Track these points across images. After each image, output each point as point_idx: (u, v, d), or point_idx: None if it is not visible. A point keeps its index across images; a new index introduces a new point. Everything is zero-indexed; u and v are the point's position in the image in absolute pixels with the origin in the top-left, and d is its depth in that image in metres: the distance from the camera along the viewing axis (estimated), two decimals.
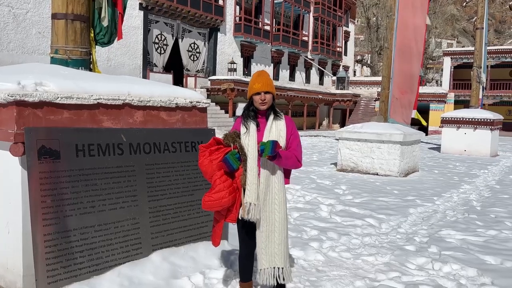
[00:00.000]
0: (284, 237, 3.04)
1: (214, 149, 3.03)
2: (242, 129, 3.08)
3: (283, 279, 3.01)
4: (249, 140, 3.02)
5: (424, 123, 16.02)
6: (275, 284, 3.04)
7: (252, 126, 3.05)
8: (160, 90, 4.09)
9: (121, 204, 3.57)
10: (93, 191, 3.39)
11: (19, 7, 17.83)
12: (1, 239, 3.29)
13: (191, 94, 4.37)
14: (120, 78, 4.13)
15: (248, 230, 3.13)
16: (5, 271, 3.26)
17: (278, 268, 2.99)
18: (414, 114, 12.62)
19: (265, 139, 2.98)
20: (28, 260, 3.10)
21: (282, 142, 3.03)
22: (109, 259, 3.44)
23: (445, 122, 16.95)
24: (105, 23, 4.42)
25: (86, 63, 4.32)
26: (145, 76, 22.54)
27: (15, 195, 3.15)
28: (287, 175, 3.19)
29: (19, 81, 3.14)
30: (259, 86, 3.01)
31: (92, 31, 4.45)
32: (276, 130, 3.05)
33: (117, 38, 4.67)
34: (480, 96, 18.07)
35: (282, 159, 2.95)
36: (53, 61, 4.20)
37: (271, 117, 3.08)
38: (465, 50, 35.49)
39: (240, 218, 3.04)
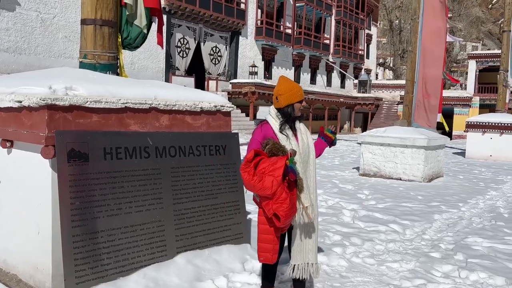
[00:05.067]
0: (317, 235, 3.22)
1: (258, 160, 2.90)
2: (282, 137, 3.08)
3: (315, 274, 3.17)
4: (292, 146, 3.07)
5: (447, 128, 15.73)
6: (304, 278, 3.17)
7: (290, 132, 3.13)
8: (185, 94, 4.14)
9: (147, 207, 3.62)
10: (120, 194, 3.45)
11: (47, 12, 18.27)
12: (31, 239, 3.38)
13: (216, 98, 4.41)
14: (146, 82, 4.20)
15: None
16: (35, 271, 3.34)
17: (312, 264, 3.15)
18: (439, 118, 12.41)
19: (300, 142, 3.14)
20: (57, 260, 3.17)
21: (310, 139, 3.26)
22: (134, 260, 3.49)
23: (470, 126, 16.63)
24: (145, 30, 4.61)
25: (114, 68, 4.40)
26: (167, 79, 22.79)
27: (45, 196, 3.23)
28: None
29: (50, 85, 3.22)
30: (301, 93, 3.16)
31: (120, 36, 4.53)
32: (304, 131, 3.26)
33: (161, 46, 4.99)
34: (507, 100, 17.68)
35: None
36: (82, 65, 4.29)
37: (297, 121, 3.25)
38: (490, 53, 34.73)
39: (296, 222, 3.05)
